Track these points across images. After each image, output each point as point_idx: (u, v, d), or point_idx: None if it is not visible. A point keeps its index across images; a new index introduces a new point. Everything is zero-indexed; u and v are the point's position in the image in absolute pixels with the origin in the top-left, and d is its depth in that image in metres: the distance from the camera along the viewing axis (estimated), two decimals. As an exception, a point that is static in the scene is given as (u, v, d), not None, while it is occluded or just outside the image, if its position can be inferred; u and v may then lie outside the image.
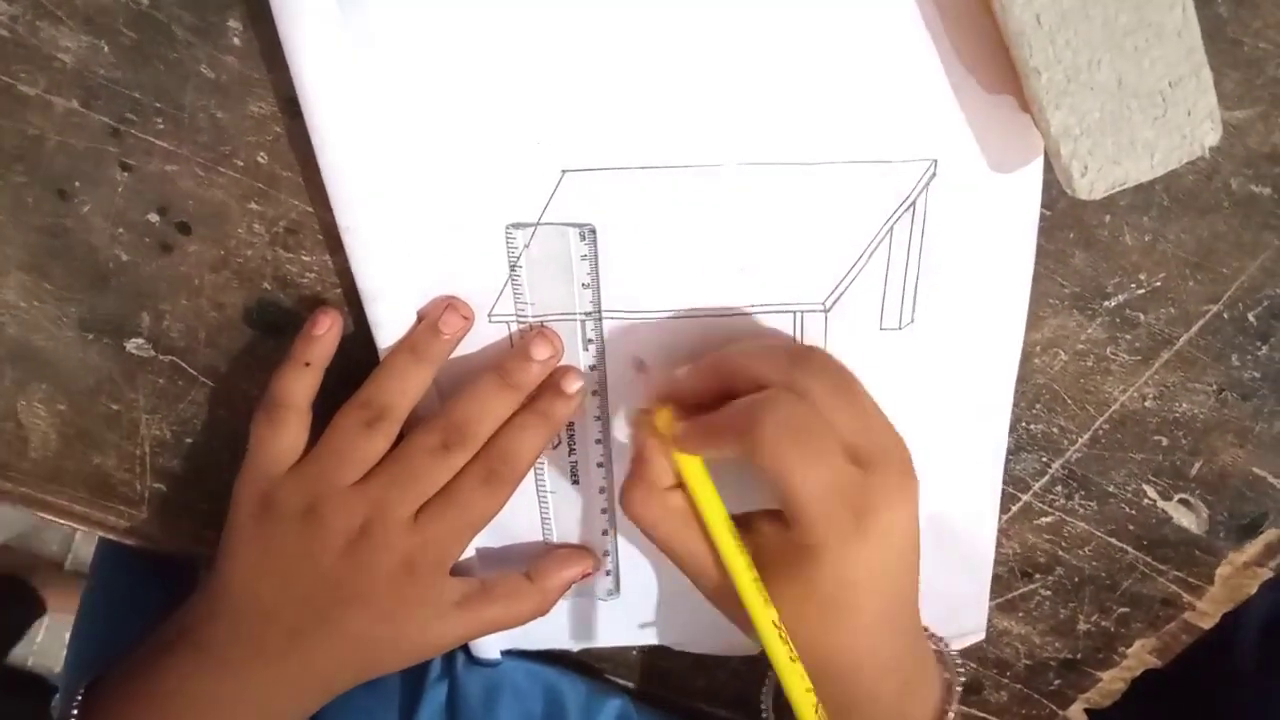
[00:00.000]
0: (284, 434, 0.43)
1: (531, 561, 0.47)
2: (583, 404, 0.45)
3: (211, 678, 0.42)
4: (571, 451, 0.47)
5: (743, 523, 0.40)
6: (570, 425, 0.46)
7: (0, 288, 0.44)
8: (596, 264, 0.42)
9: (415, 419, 0.43)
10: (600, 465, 0.47)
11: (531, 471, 0.46)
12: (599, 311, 0.43)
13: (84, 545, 1.52)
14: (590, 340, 0.44)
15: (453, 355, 0.43)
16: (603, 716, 0.55)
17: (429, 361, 0.42)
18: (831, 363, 0.39)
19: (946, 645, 0.46)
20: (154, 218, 0.42)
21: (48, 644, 1.51)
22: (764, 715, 0.46)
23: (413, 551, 0.42)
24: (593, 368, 0.45)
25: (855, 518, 0.37)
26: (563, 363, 0.44)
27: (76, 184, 0.42)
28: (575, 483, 0.48)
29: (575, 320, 0.43)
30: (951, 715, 0.43)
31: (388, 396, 0.42)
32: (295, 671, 0.43)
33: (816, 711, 0.38)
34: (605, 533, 0.49)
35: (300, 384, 0.43)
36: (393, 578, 0.42)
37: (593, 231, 0.41)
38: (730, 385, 0.39)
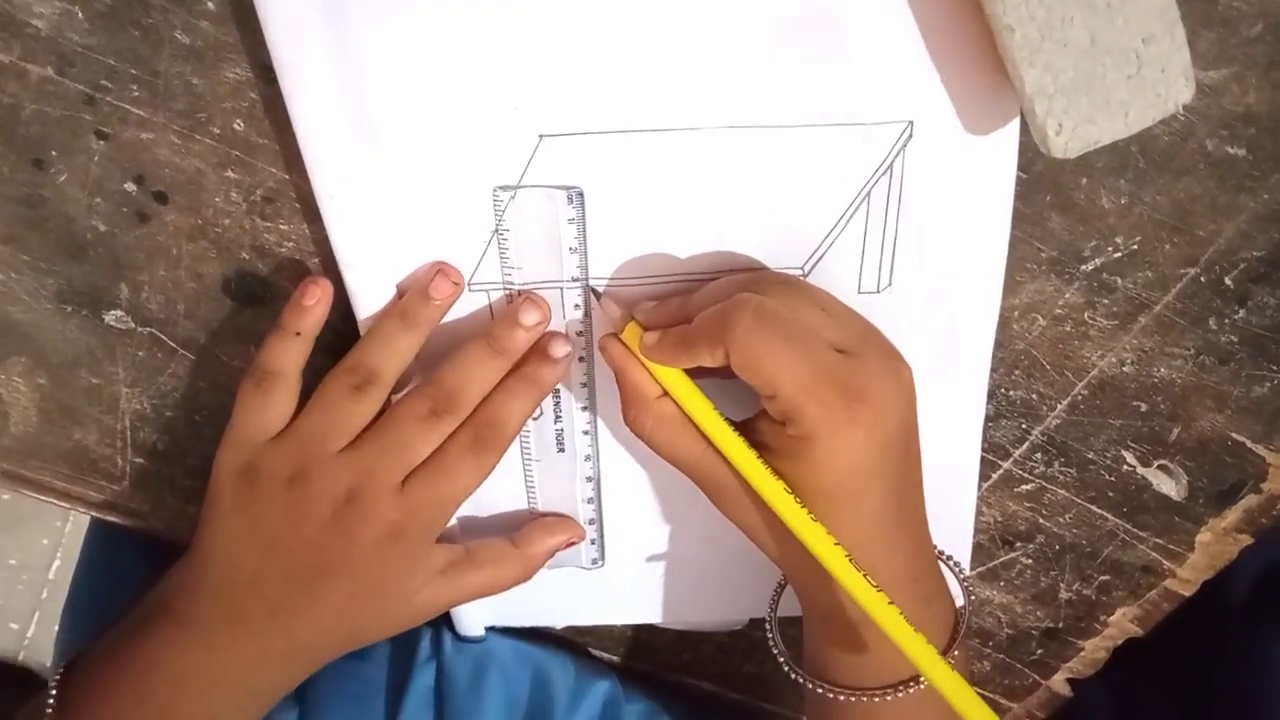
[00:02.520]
0: (272, 402, 0.42)
1: (516, 529, 0.47)
2: (569, 370, 0.45)
3: (193, 653, 0.42)
4: (557, 419, 0.47)
5: (739, 429, 0.40)
6: (555, 392, 0.46)
7: (-23, 259, 0.44)
8: (584, 227, 0.42)
9: (397, 386, 0.43)
10: (586, 433, 0.47)
11: (516, 440, 0.46)
12: (586, 277, 0.43)
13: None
14: (576, 306, 0.44)
15: None
16: (589, 698, 0.55)
17: (418, 327, 0.42)
18: (790, 276, 0.41)
19: (957, 564, 0.45)
20: (131, 187, 0.42)
21: (39, 638, 1.50)
22: (769, 635, 0.46)
23: (400, 519, 0.42)
24: (579, 333, 0.45)
25: (846, 400, 0.37)
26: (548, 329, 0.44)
27: (52, 153, 0.41)
28: (560, 450, 0.48)
29: (559, 287, 0.43)
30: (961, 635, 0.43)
31: (376, 361, 0.42)
32: (279, 644, 0.42)
33: (851, 561, 0.38)
34: (590, 501, 0.49)
35: (290, 353, 0.42)
36: (379, 546, 0.42)
37: (580, 194, 0.41)
38: (693, 313, 0.40)
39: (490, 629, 0.55)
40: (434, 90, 0.39)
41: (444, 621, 0.55)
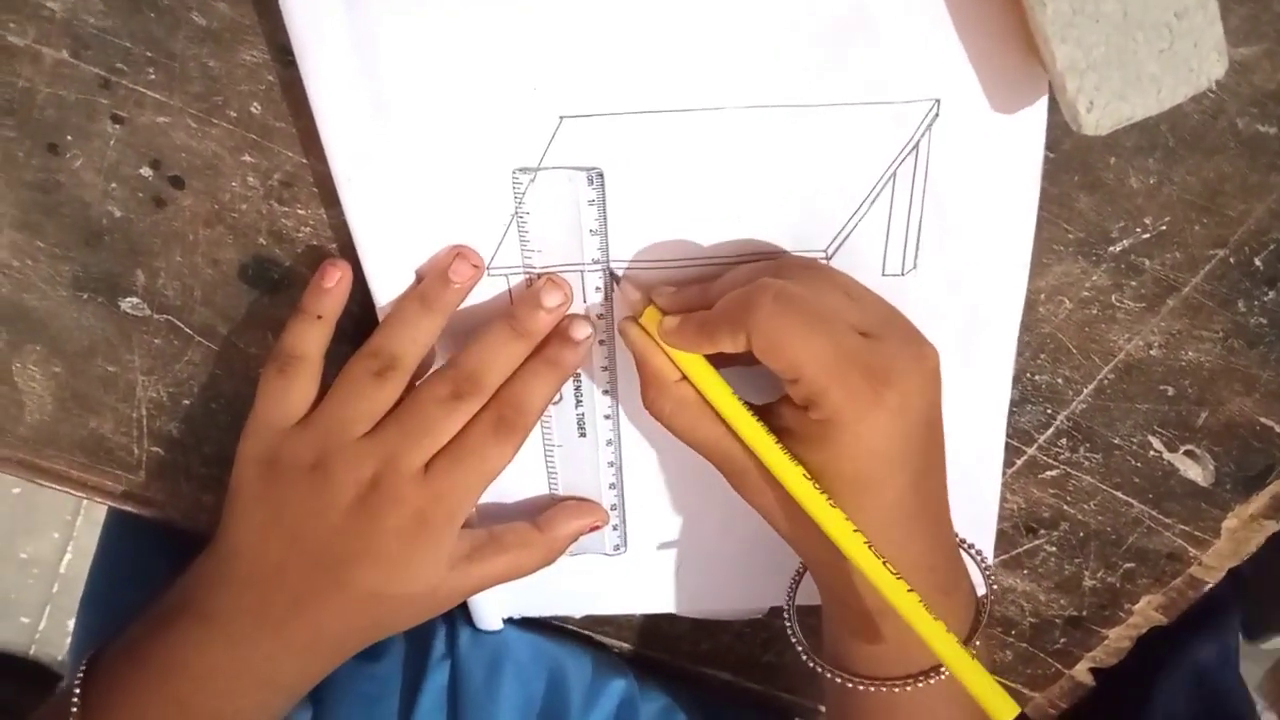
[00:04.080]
0: (294, 387, 0.42)
1: (539, 513, 0.47)
2: (590, 354, 0.44)
3: (217, 648, 0.41)
4: (579, 404, 0.46)
5: (759, 413, 0.40)
6: (577, 377, 0.46)
7: (-8, 246, 0.44)
8: (605, 209, 0.41)
9: (418, 371, 0.43)
10: (607, 417, 0.47)
11: (538, 425, 0.46)
12: (607, 260, 0.43)
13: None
14: (597, 289, 0.43)
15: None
16: (606, 697, 0.55)
17: (438, 311, 0.42)
18: (811, 260, 0.40)
19: (979, 553, 0.45)
20: (147, 172, 0.42)
21: (50, 632, 1.50)
22: (787, 622, 0.45)
23: (424, 504, 0.41)
24: (600, 316, 0.44)
25: (870, 383, 0.36)
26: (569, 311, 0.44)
27: (68, 137, 0.41)
28: (582, 435, 0.47)
29: (580, 270, 0.43)
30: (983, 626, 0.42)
31: (397, 346, 0.41)
32: (304, 638, 0.42)
33: (870, 548, 0.37)
34: (612, 486, 0.49)
35: (312, 335, 0.42)
36: (403, 531, 0.41)
37: (600, 175, 0.41)
38: (709, 299, 0.39)
39: (507, 622, 0.55)
40: (453, 72, 0.38)
41: (459, 618, 0.55)
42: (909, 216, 0.42)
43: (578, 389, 0.46)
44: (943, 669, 0.40)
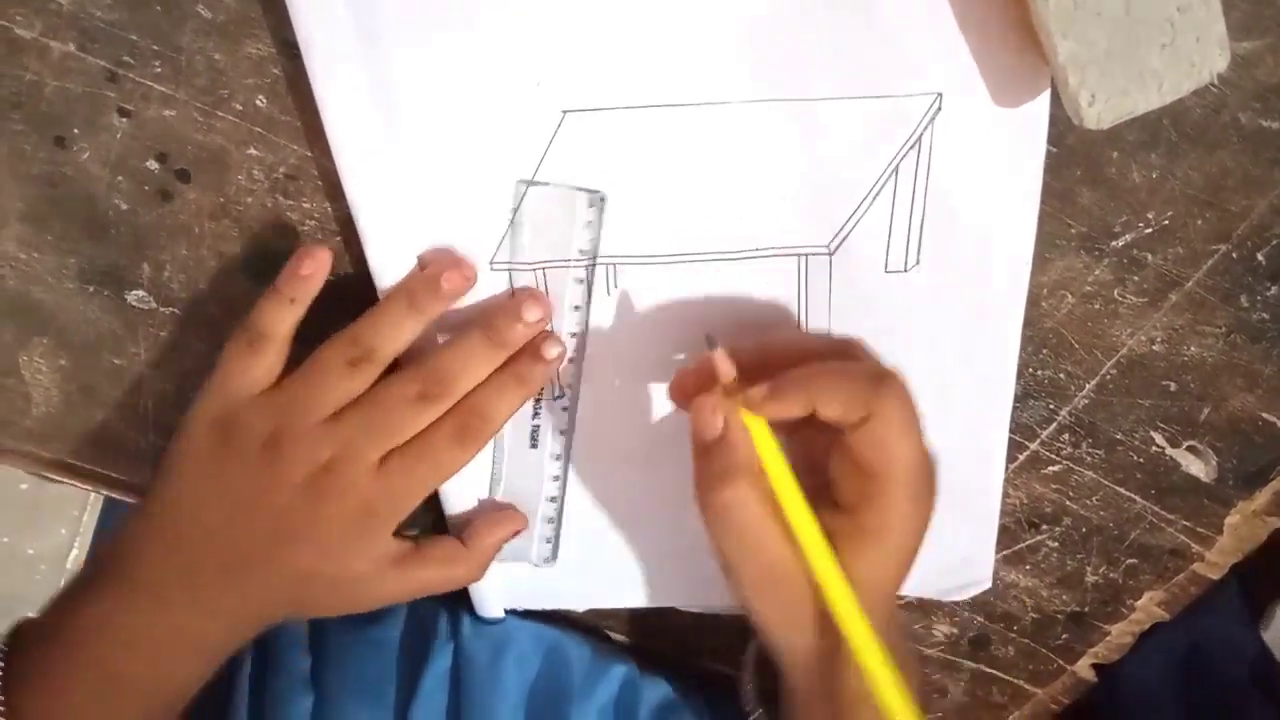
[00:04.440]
0: (259, 361, 0.42)
1: (463, 527, 0.47)
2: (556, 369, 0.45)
3: (143, 613, 0.41)
4: (535, 414, 0.47)
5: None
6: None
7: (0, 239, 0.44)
8: (600, 230, 0.42)
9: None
10: (562, 433, 0.47)
11: None
12: (594, 259, 0.43)
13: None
14: (576, 307, 0.44)
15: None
16: (606, 682, 0.55)
17: (424, 314, 0.42)
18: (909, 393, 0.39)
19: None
20: (153, 165, 0.42)
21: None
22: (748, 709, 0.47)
23: (374, 498, 0.41)
24: (572, 334, 0.45)
25: (929, 502, 0.38)
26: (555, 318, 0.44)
27: (75, 130, 0.41)
28: (533, 446, 0.47)
29: (584, 265, 0.43)
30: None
31: (376, 340, 0.41)
32: (231, 606, 0.42)
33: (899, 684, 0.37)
34: (553, 500, 0.49)
35: (283, 317, 0.42)
36: (347, 520, 0.41)
37: (602, 200, 0.41)
38: (797, 359, 0.39)
39: (510, 612, 0.55)
40: (458, 66, 0.39)
41: (461, 603, 0.55)
42: (911, 212, 0.42)
43: (537, 401, 0.46)
44: None
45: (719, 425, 0.38)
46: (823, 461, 0.39)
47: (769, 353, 0.40)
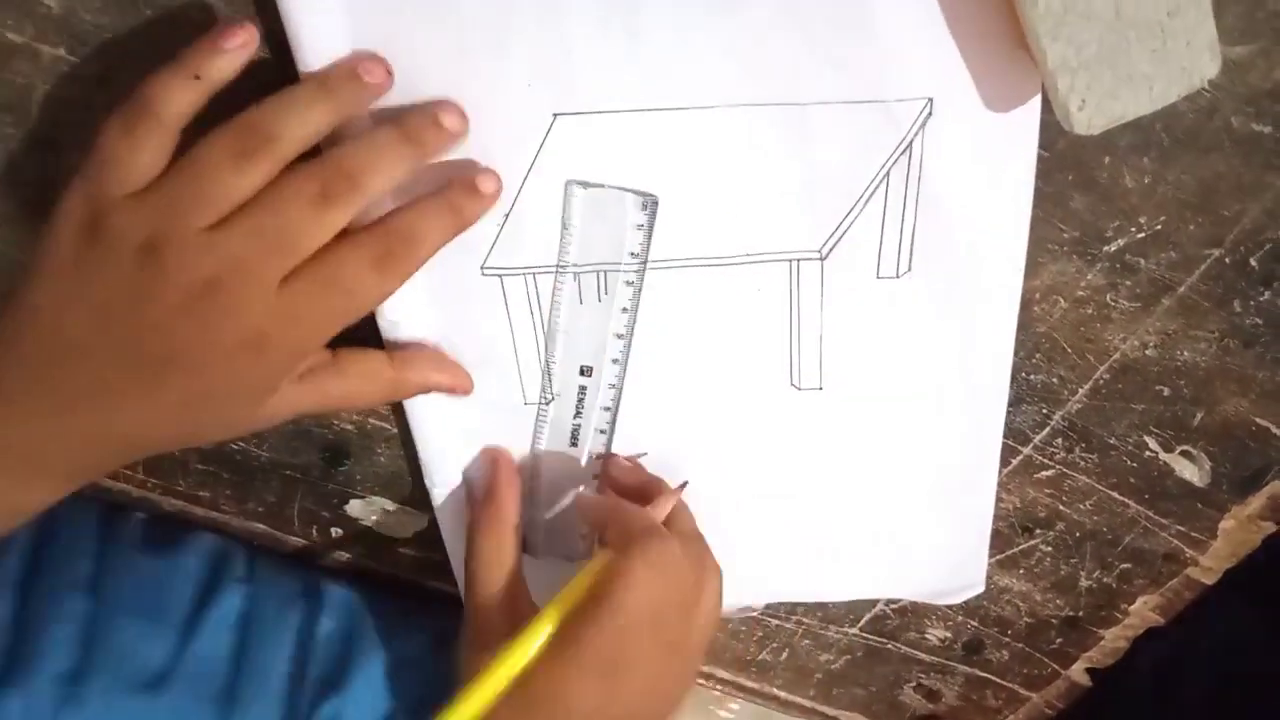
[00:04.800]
0: (140, 149, 0.35)
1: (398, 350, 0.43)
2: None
3: None
4: (577, 414, 0.47)
5: None
6: (582, 391, 0.46)
7: (-9, 242, 0.44)
8: (651, 235, 0.42)
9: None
10: (602, 432, 0.47)
11: (527, 425, 0.46)
12: (644, 270, 0.43)
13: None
14: (624, 309, 0.44)
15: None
16: (405, 639, 0.53)
17: (337, 101, 0.36)
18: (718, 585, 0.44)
19: None
20: (144, 168, 0.42)
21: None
22: None
23: (270, 325, 0.35)
24: (619, 336, 0.44)
25: (612, 667, 0.39)
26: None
27: (66, 135, 0.41)
28: (573, 445, 0.47)
29: (600, 271, 0.43)
30: None
31: (276, 124, 0.35)
32: (94, 428, 0.37)
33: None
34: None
35: (178, 96, 0.35)
36: (236, 351, 0.36)
37: (655, 203, 0.41)
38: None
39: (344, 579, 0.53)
40: (448, 69, 0.38)
41: (259, 553, 0.53)
42: (903, 217, 0.42)
43: (581, 400, 0.46)
44: None
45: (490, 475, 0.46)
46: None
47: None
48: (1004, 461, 0.50)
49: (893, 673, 0.60)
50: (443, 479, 0.47)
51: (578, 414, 0.46)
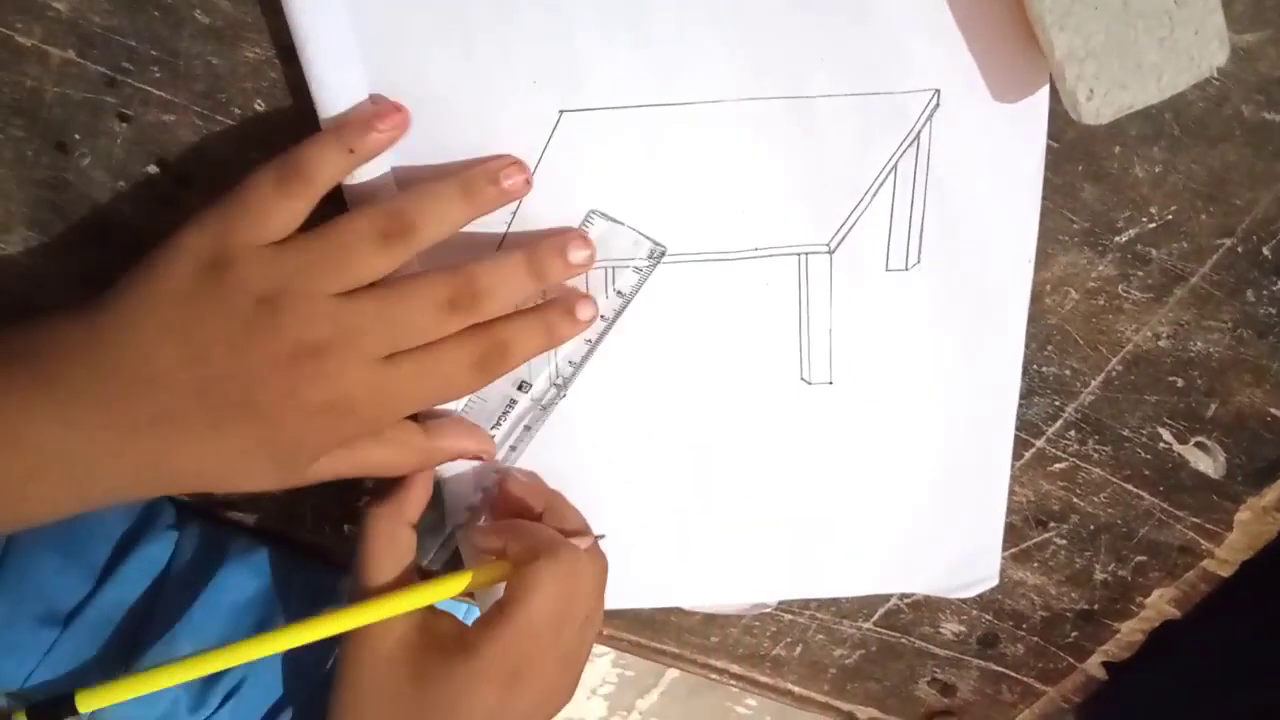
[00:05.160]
0: (285, 206, 0.37)
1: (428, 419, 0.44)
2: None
3: (40, 421, 0.36)
4: (497, 424, 0.46)
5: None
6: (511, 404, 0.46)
7: (4, 244, 0.44)
8: (643, 282, 0.43)
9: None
10: (513, 449, 0.47)
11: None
12: (622, 311, 0.44)
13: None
14: (588, 340, 0.44)
15: None
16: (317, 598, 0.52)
17: (476, 206, 0.39)
18: (603, 587, 0.44)
19: None
20: (153, 169, 0.42)
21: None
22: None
23: (362, 395, 0.37)
24: (571, 363, 0.45)
25: (519, 685, 0.40)
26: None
27: (76, 136, 0.42)
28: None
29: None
30: None
31: (419, 216, 0.37)
32: (151, 457, 0.37)
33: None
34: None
35: (331, 164, 0.37)
36: (318, 412, 0.37)
37: (661, 254, 0.42)
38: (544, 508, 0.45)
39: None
40: (454, 67, 0.39)
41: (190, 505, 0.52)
42: (911, 210, 0.42)
43: (505, 413, 0.46)
44: None
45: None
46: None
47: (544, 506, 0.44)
48: (1017, 455, 0.50)
49: (907, 667, 0.59)
50: None
51: (497, 423, 0.46)
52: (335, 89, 0.38)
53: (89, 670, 0.46)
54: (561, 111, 0.40)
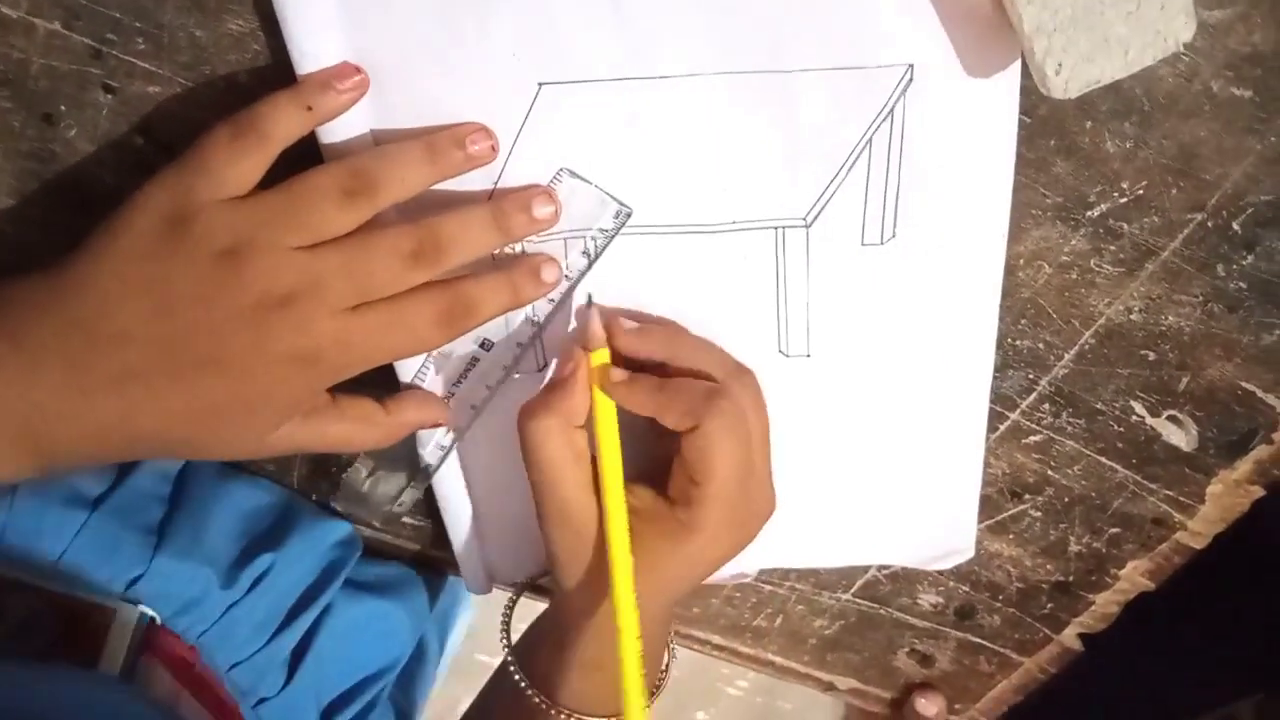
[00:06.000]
0: (242, 161, 0.37)
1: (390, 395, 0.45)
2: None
3: (3, 368, 0.36)
4: (458, 382, 0.46)
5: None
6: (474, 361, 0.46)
7: (-9, 215, 0.45)
8: (609, 242, 0.43)
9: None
10: (473, 407, 0.47)
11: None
12: (586, 272, 0.44)
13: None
14: (551, 300, 0.44)
15: None
16: (326, 531, 0.54)
17: (440, 168, 0.39)
18: (760, 391, 0.44)
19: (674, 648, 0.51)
20: (139, 140, 0.43)
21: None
22: (503, 640, 0.49)
23: (326, 347, 0.37)
24: (534, 322, 0.45)
25: (744, 520, 0.43)
26: None
27: (61, 107, 0.42)
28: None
29: (562, 238, 0.43)
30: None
31: (382, 175, 0.38)
32: (115, 418, 0.37)
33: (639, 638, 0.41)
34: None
35: (288, 120, 0.37)
36: (285, 363, 0.37)
37: (627, 215, 0.43)
38: (669, 358, 0.43)
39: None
40: (434, 38, 0.39)
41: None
42: (886, 184, 0.43)
43: (467, 370, 0.46)
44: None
45: (568, 370, 0.42)
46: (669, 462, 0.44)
47: (655, 343, 0.44)
48: (991, 427, 0.50)
49: (886, 638, 0.60)
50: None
51: (459, 381, 0.46)
52: (317, 59, 0.39)
53: (118, 551, 0.48)
54: (540, 84, 0.40)
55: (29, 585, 0.45)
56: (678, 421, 0.41)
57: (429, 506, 0.53)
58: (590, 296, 0.44)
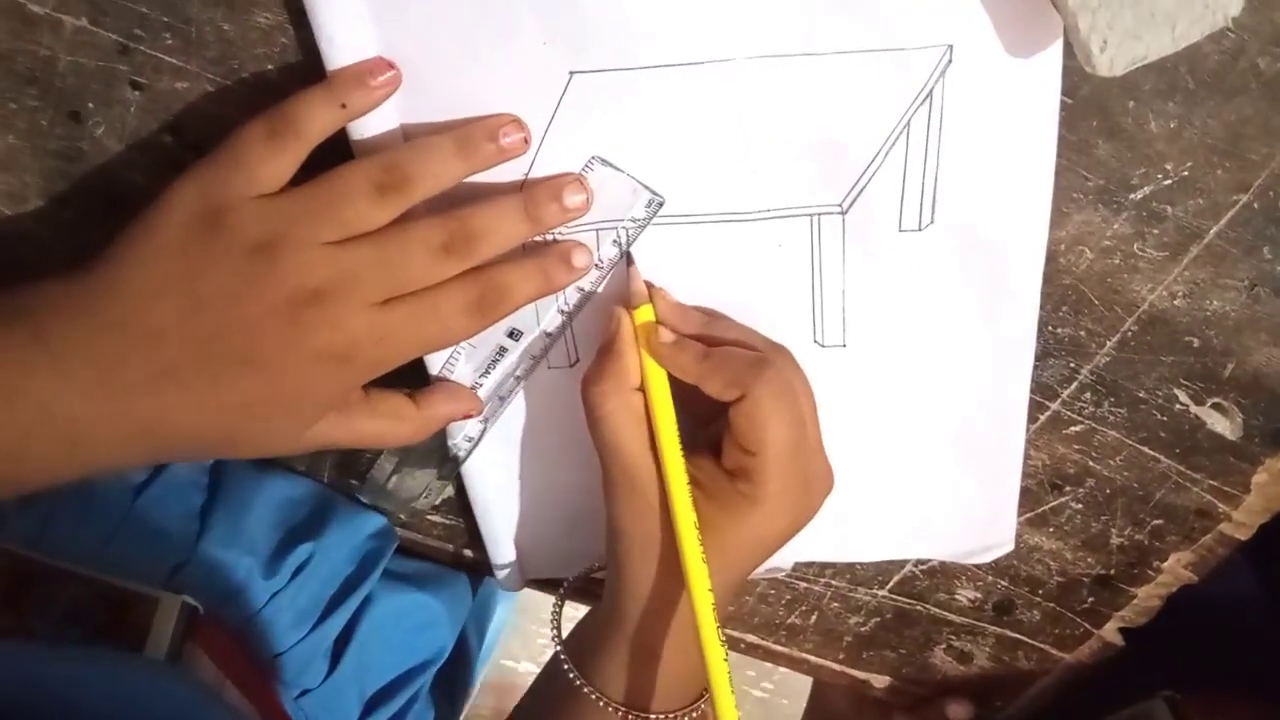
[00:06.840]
0: (276, 157, 0.37)
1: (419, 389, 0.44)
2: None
3: (41, 378, 0.36)
4: (485, 373, 0.46)
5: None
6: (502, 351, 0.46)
7: (19, 214, 0.44)
8: (641, 231, 0.43)
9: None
10: (501, 399, 0.46)
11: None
12: (618, 261, 0.44)
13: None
14: (581, 289, 0.44)
15: None
16: (360, 526, 0.54)
17: (471, 162, 0.39)
18: (802, 369, 0.43)
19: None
20: (167, 138, 0.42)
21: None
22: (554, 635, 0.47)
23: (360, 342, 0.37)
24: (563, 312, 0.45)
25: (804, 489, 0.42)
26: None
27: (89, 105, 0.42)
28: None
29: (595, 229, 0.43)
30: None
31: (415, 170, 0.38)
32: (150, 418, 0.37)
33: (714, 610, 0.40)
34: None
35: (322, 117, 0.37)
36: (320, 360, 0.37)
37: (660, 204, 0.42)
38: (708, 336, 0.43)
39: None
40: (464, 28, 0.39)
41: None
42: (924, 168, 0.42)
43: (494, 361, 0.46)
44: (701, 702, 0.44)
45: (613, 330, 0.42)
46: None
47: (698, 322, 0.43)
48: (1031, 417, 0.50)
49: (923, 635, 0.60)
50: None
51: (487, 371, 0.46)
52: (346, 51, 0.38)
53: (162, 538, 0.48)
54: (572, 73, 0.39)
55: (75, 574, 0.45)
56: (723, 390, 0.40)
57: (461, 505, 0.52)
58: (631, 255, 0.43)
